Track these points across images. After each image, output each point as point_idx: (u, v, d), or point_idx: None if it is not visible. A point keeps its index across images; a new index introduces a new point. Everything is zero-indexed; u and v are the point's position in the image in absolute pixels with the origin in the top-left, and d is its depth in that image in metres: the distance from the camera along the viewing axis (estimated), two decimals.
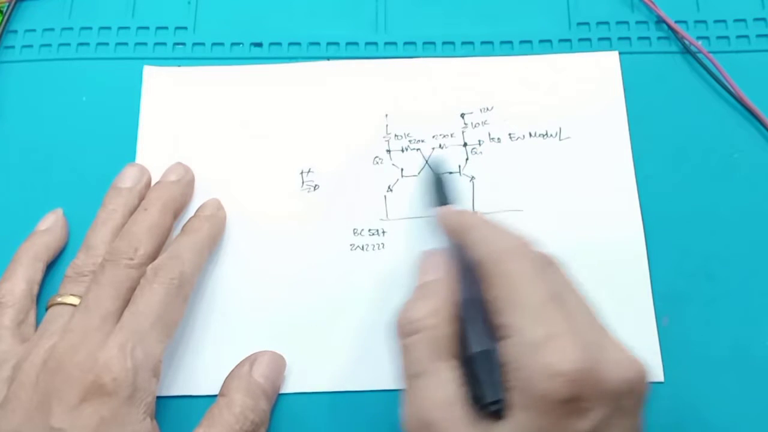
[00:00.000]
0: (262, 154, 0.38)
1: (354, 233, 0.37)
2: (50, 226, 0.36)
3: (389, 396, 0.33)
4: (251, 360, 0.33)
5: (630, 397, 0.25)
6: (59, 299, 0.32)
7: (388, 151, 0.38)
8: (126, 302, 0.31)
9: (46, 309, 0.33)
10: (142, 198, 0.36)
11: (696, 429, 0.33)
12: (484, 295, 0.27)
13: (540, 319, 0.25)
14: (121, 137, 0.38)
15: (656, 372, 0.34)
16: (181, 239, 0.34)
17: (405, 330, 0.28)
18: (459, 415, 0.26)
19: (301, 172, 0.38)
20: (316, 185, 0.37)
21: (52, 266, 0.36)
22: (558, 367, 0.24)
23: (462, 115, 0.39)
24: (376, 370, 0.34)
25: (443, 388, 0.26)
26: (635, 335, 0.28)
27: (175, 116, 0.39)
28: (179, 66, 0.40)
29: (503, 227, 0.29)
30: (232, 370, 0.33)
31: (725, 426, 0.33)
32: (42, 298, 0.35)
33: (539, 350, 0.24)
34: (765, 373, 0.34)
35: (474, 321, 0.28)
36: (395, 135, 0.38)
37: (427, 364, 0.27)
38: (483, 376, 0.26)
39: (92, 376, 0.28)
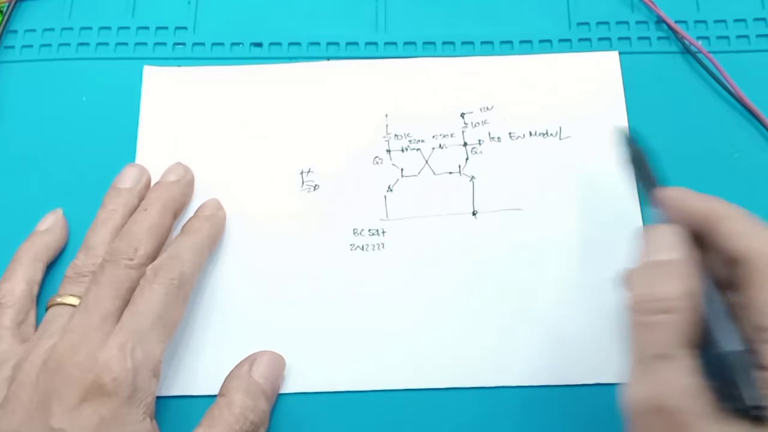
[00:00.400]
0: (262, 154, 0.38)
1: (354, 233, 0.37)
2: (50, 226, 0.36)
3: (390, 396, 0.34)
4: (251, 360, 0.33)
5: None
6: (59, 299, 0.32)
7: (388, 151, 0.38)
8: (126, 302, 0.31)
9: (46, 309, 0.33)
10: (141, 198, 0.36)
11: None
12: (744, 292, 0.26)
13: None
14: (121, 137, 0.38)
15: None
16: (181, 239, 0.34)
17: (650, 306, 0.26)
18: (703, 408, 0.24)
19: (301, 172, 0.38)
20: (316, 185, 0.37)
21: (52, 266, 0.36)
22: None
23: (462, 115, 0.39)
24: (376, 370, 0.34)
25: (690, 376, 0.25)
26: None
27: (175, 116, 0.39)
28: (179, 66, 0.40)
29: (759, 220, 0.27)
30: (232, 371, 0.33)
31: None
32: (42, 298, 0.35)
33: None
34: None
35: (719, 315, 0.26)
36: (395, 135, 0.38)
37: (674, 348, 0.25)
38: (740, 377, 0.24)
39: (92, 376, 0.28)
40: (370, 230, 0.37)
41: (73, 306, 0.32)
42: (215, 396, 0.32)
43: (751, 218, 0.28)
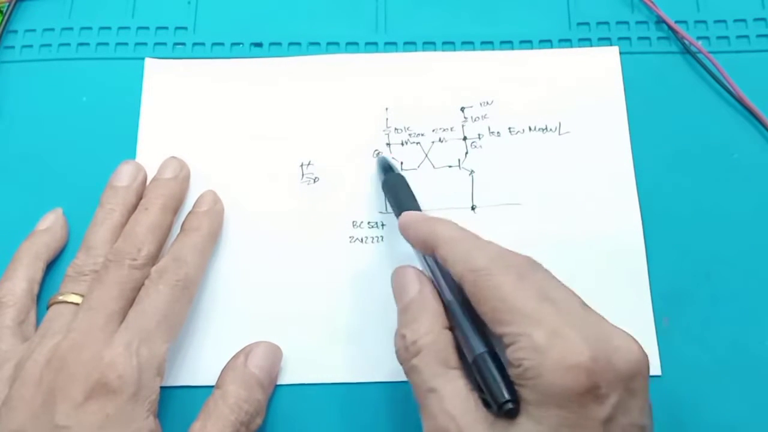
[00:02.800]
0: (263, 146, 0.38)
1: (353, 226, 0.37)
2: (50, 225, 0.36)
3: (386, 388, 0.34)
4: (246, 351, 0.33)
5: (638, 379, 0.26)
6: (60, 298, 0.32)
7: (388, 144, 0.38)
8: (129, 302, 0.31)
9: (47, 308, 0.33)
10: (139, 195, 0.36)
11: (695, 427, 0.33)
12: (476, 308, 0.27)
13: (537, 320, 0.26)
14: (121, 137, 0.38)
15: (655, 370, 0.34)
16: (183, 240, 0.34)
17: (406, 355, 0.28)
18: (477, 419, 0.26)
19: (301, 165, 0.38)
20: (315, 178, 0.38)
21: (52, 266, 0.36)
22: (570, 360, 0.24)
23: (462, 109, 0.39)
24: (373, 362, 0.34)
25: (457, 396, 0.27)
26: (633, 333, 0.28)
27: (176, 108, 0.39)
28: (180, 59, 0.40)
29: (475, 238, 0.30)
30: (228, 362, 0.33)
31: (724, 424, 0.33)
32: (42, 297, 0.35)
33: (546, 349, 0.25)
34: (764, 373, 0.34)
35: (462, 326, 0.28)
36: (395, 128, 0.38)
37: (436, 379, 0.27)
38: (489, 377, 0.26)
39: (97, 374, 0.28)
40: (369, 223, 0.37)
41: (75, 304, 0.32)
42: (214, 386, 0.32)
43: (464, 239, 0.30)
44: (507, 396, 0.26)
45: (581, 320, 0.26)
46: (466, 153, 0.38)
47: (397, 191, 0.35)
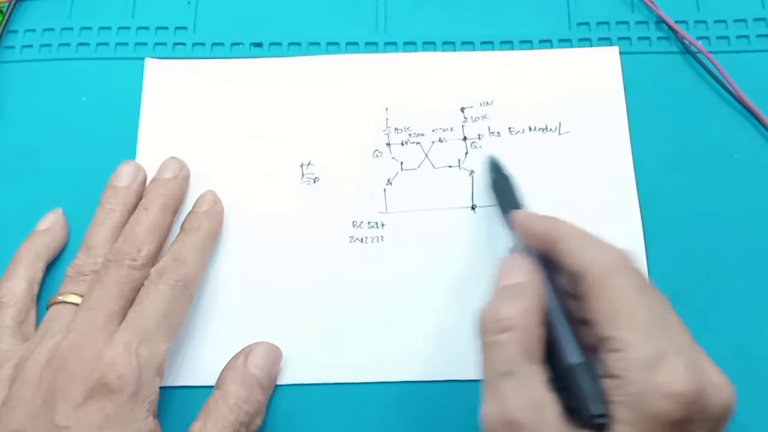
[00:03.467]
0: (263, 146, 0.38)
1: (353, 226, 0.37)
2: (50, 225, 0.36)
3: (386, 388, 0.34)
4: (246, 352, 0.33)
5: (724, 421, 0.25)
6: (60, 298, 0.32)
7: (388, 144, 0.38)
8: (129, 302, 0.31)
9: (47, 308, 0.33)
10: (139, 195, 0.36)
11: None
12: (587, 306, 0.27)
13: (651, 336, 0.25)
14: (121, 137, 0.38)
15: None
16: (183, 240, 0.34)
17: (493, 327, 0.27)
18: (551, 421, 0.25)
19: (301, 165, 0.38)
20: (316, 178, 0.38)
21: (52, 266, 0.36)
22: (673, 387, 0.24)
23: (462, 109, 0.39)
24: (373, 362, 0.34)
25: (534, 390, 0.26)
26: None
27: (176, 108, 0.39)
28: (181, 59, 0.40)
29: (598, 238, 0.29)
30: (228, 362, 0.33)
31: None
32: (42, 298, 0.35)
33: (653, 369, 0.24)
34: (764, 373, 0.34)
35: (564, 330, 0.28)
36: (395, 128, 0.39)
37: (517, 364, 0.26)
38: (585, 387, 0.26)
39: (97, 374, 0.28)
40: (369, 223, 0.37)
41: (75, 304, 0.32)
42: (214, 386, 0.32)
43: (586, 236, 0.29)
44: (600, 409, 0.25)
45: (689, 351, 0.26)
46: (466, 153, 0.38)
47: (506, 190, 0.35)
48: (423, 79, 0.39)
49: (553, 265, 0.30)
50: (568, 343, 0.27)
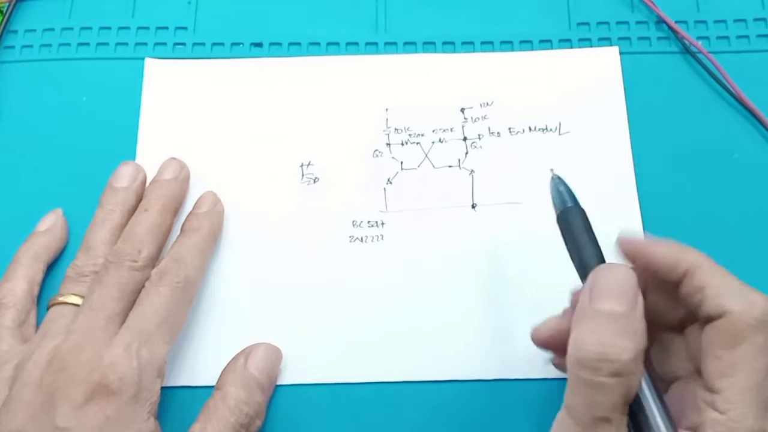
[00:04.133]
0: (263, 147, 0.38)
1: (353, 225, 0.37)
2: (50, 226, 0.36)
3: (386, 388, 0.34)
4: (246, 353, 0.33)
5: None
6: (61, 299, 0.32)
7: (388, 144, 0.38)
8: (129, 304, 0.31)
9: (47, 309, 0.33)
10: (139, 196, 0.36)
11: None
12: (704, 347, 0.25)
13: (761, 414, 0.23)
14: (121, 137, 0.38)
15: None
16: (183, 241, 0.34)
17: (604, 367, 0.24)
18: None
19: (301, 165, 0.38)
20: (315, 178, 0.38)
21: (52, 266, 0.36)
22: None
23: (462, 110, 0.39)
24: (373, 362, 0.34)
25: None
26: None
27: (176, 108, 0.39)
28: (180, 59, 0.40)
29: (741, 282, 0.26)
30: (228, 364, 0.33)
31: None
32: (42, 298, 0.35)
33: None
34: None
35: (653, 409, 0.25)
36: (395, 129, 0.39)
37: (617, 412, 0.24)
38: None
39: (98, 375, 0.28)
40: (369, 222, 0.37)
41: (76, 305, 0.32)
42: (214, 387, 0.32)
43: (725, 274, 0.26)
44: None
45: None
46: (466, 153, 0.38)
47: (578, 226, 0.29)
48: (423, 79, 0.39)
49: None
50: (658, 416, 0.25)
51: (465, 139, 0.38)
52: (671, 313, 0.28)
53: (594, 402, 0.24)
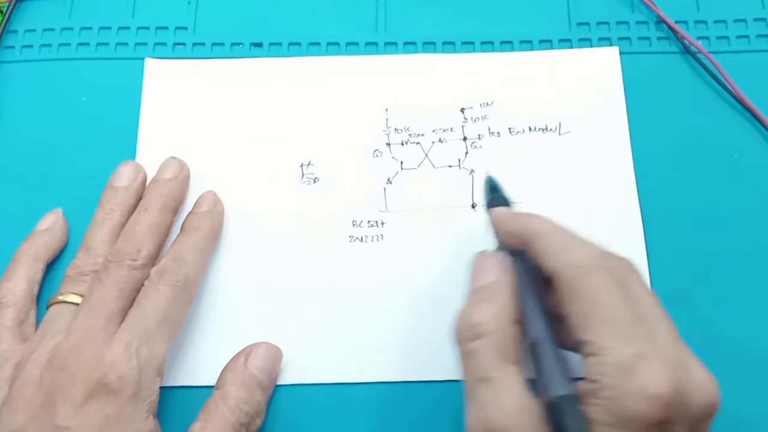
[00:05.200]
0: (263, 147, 0.38)
1: (353, 225, 0.37)
2: (50, 226, 0.36)
3: (386, 388, 0.34)
4: (246, 352, 0.33)
5: (707, 420, 0.25)
6: (61, 298, 0.32)
7: (388, 144, 0.38)
8: (129, 303, 0.31)
9: (47, 308, 0.33)
10: (138, 196, 0.36)
11: None
12: (562, 308, 0.26)
13: (626, 338, 0.25)
14: (121, 137, 0.38)
15: None
16: (183, 240, 0.34)
17: (466, 335, 0.27)
18: (531, 422, 0.25)
19: (301, 165, 0.38)
20: (315, 178, 0.38)
21: (52, 266, 0.36)
22: (652, 390, 0.23)
23: (462, 110, 0.39)
24: (374, 362, 0.34)
25: (512, 393, 0.26)
26: None
27: (176, 108, 0.39)
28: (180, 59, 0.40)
29: (576, 235, 0.28)
30: (228, 363, 0.33)
31: (724, 424, 0.33)
32: (42, 298, 0.35)
33: (630, 372, 0.24)
34: (764, 373, 0.34)
35: (549, 357, 0.26)
36: (395, 129, 0.39)
37: (493, 369, 0.26)
38: (567, 424, 0.25)
39: (98, 374, 0.28)
40: (369, 222, 0.37)
41: (75, 304, 0.32)
42: (214, 387, 0.32)
43: (560, 233, 0.28)
44: None
45: (668, 348, 0.25)
46: (466, 153, 0.38)
47: (496, 188, 0.33)
48: (423, 79, 0.39)
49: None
50: (553, 372, 0.26)
51: (465, 139, 0.38)
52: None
53: (470, 367, 0.27)
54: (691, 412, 0.24)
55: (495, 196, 0.33)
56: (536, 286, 0.28)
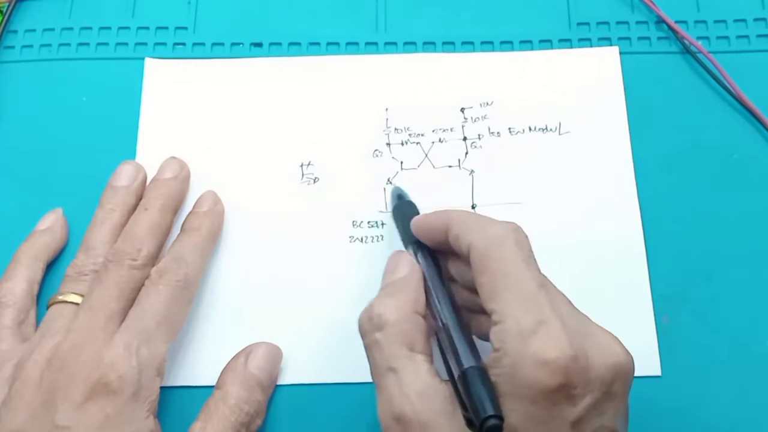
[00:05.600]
0: (263, 146, 0.38)
1: (353, 225, 0.37)
2: (50, 226, 0.36)
3: None
4: (246, 352, 0.33)
5: (618, 382, 0.25)
6: (61, 297, 0.32)
7: (388, 144, 0.38)
8: (129, 303, 0.31)
9: (47, 308, 0.33)
10: (139, 196, 0.36)
11: (695, 428, 0.33)
12: (475, 282, 0.27)
13: (528, 306, 0.25)
14: (121, 137, 0.38)
15: (655, 370, 0.34)
16: (183, 240, 0.34)
17: (368, 327, 0.28)
18: (438, 407, 0.25)
19: (301, 165, 0.38)
20: (315, 178, 0.38)
21: (52, 266, 0.36)
22: (547, 355, 0.24)
23: (462, 110, 0.39)
24: None
25: (417, 380, 0.26)
26: (633, 332, 0.28)
27: (176, 108, 0.39)
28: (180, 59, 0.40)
29: (487, 217, 0.29)
30: (228, 363, 0.33)
31: (724, 424, 0.33)
32: (42, 298, 0.35)
33: (528, 339, 0.24)
34: (764, 373, 0.34)
35: (455, 336, 0.27)
36: (395, 129, 0.39)
37: (397, 359, 0.27)
38: (471, 396, 0.25)
39: (98, 374, 0.28)
40: (369, 222, 0.37)
41: (76, 304, 0.32)
42: (214, 387, 0.32)
43: (473, 216, 0.30)
44: (492, 411, 0.24)
45: (569, 315, 0.26)
46: (466, 153, 0.38)
47: (404, 213, 0.34)
48: (423, 79, 0.39)
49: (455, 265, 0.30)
50: (460, 348, 0.27)
51: (465, 139, 0.38)
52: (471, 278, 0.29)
53: (375, 359, 0.27)
54: (596, 374, 0.24)
55: (401, 202, 0.35)
56: (442, 279, 0.30)
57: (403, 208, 0.34)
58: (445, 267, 0.31)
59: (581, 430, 0.24)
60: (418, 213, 0.34)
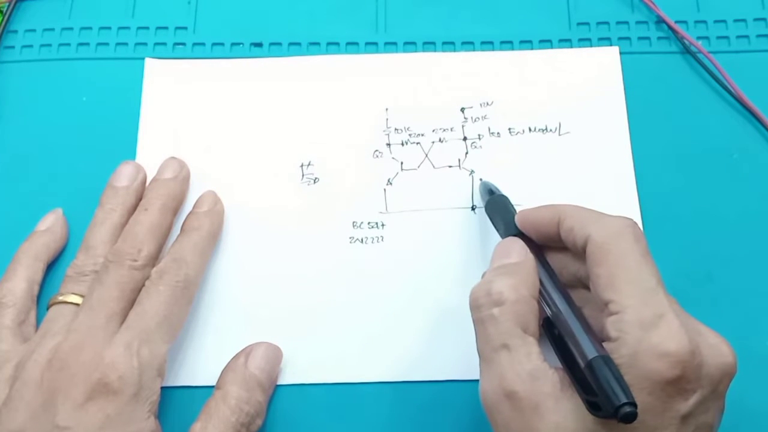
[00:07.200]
0: (263, 147, 0.38)
1: (353, 226, 0.37)
2: (50, 226, 0.36)
3: (386, 388, 0.34)
4: (246, 352, 0.33)
5: (725, 382, 0.26)
6: (61, 298, 0.32)
7: (388, 144, 0.38)
8: (129, 303, 0.31)
9: (47, 308, 0.33)
10: (139, 196, 0.36)
11: None
12: (590, 272, 0.28)
13: (647, 299, 0.26)
14: (121, 137, 0.38)
15: None
16: (183, 240, 0.34)
17: (485, 301, 0.28)
18: (548, 390, 0.26)
19: (301, 165, 0.38)
20: (316, 178, 0.38)
21: (52, 266, 0.36)
22: (667, 347, 0.24)
23: (462, 110, 0.39)
24: (373, 362, 0.34)
25: (530, 361, 0.26)
26: None
27: (176, 108, 0.39)
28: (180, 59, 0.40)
29: (600, 211, 0.30)
30: (228, 363, 0.33)
31: (723, 425, 0.33)
32: (42, 298, 0.35)
33: (649, 330, 0.25)
34: (764, 373, 0.34)
35: (575, 329, 0.27)
36: (395, 129, 0.39)
37: (512, 337, 0.27)
38: (600, 385, 0.25)
39: (98, 374, 0.28)
40: (369, 223, 0.37)
41: (76, 304, 0.32)
42: (214, 387, 0.32)
43: (588, 210, 0.30)
44: (626, 398, 0.24)
45: (681, 314, 0.26)
46: (466, 153, 0.38)
47: (502, 208, 0.35)
48: (423, 79, 0.39)
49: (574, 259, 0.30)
50: (579, 344, 0.27)
51: (465, 139, 0.38)
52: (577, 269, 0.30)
53: (490, 334, 0.27)
54: (705, 372, 0.25)
55: (495, 197, 0.35)
56: (551, 269, 0.30)
57: (498, 202, 0.35)
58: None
59: (688, 424, 0.25)
60: (512, 206, 0.34)
